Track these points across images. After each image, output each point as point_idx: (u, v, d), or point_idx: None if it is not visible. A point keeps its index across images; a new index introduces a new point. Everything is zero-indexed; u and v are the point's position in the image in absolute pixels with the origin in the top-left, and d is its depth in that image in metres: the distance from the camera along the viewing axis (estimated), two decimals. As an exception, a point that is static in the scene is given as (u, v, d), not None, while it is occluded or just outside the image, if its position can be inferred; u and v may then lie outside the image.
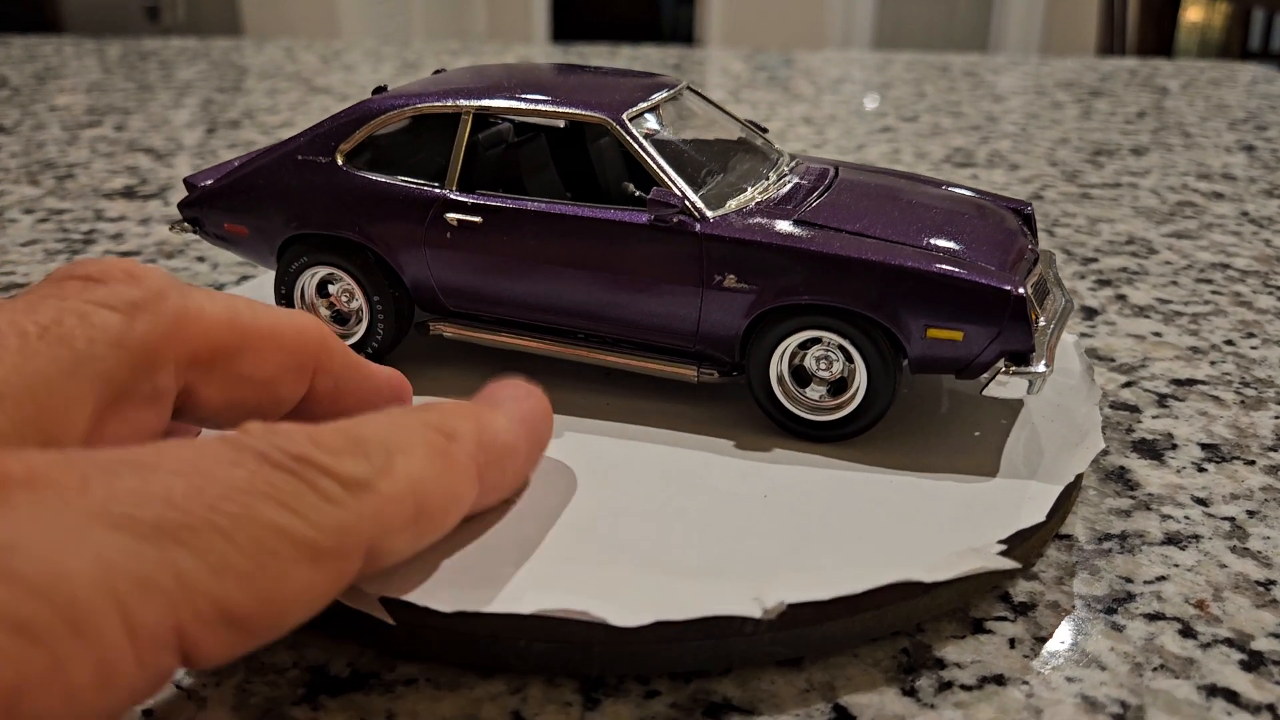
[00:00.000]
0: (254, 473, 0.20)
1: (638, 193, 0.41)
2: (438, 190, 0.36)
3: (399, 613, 0.26)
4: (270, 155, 0.39)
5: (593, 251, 0.35)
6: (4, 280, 0.53)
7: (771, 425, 0.35)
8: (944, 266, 0.32)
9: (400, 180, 0.37)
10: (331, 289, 0.39)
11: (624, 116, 0.35)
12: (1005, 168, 0.76)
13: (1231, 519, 0.34)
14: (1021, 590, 0.30)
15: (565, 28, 4.11)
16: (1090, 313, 0.50)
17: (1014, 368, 0.32)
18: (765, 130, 0.41)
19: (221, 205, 0.39)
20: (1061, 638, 0.28)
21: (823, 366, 0.34)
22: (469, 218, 0.36)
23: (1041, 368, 0.32)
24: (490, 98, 0.36)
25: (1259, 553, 0.32)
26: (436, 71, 0.42)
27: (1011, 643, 0.28)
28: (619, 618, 0.25)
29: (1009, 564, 0.28)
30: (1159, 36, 2.52)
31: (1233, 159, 0.80)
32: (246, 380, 0.27)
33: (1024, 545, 0.30)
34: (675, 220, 0.34)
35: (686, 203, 0.34)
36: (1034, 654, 0.28)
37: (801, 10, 3.55)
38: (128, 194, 0.68)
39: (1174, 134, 0.88)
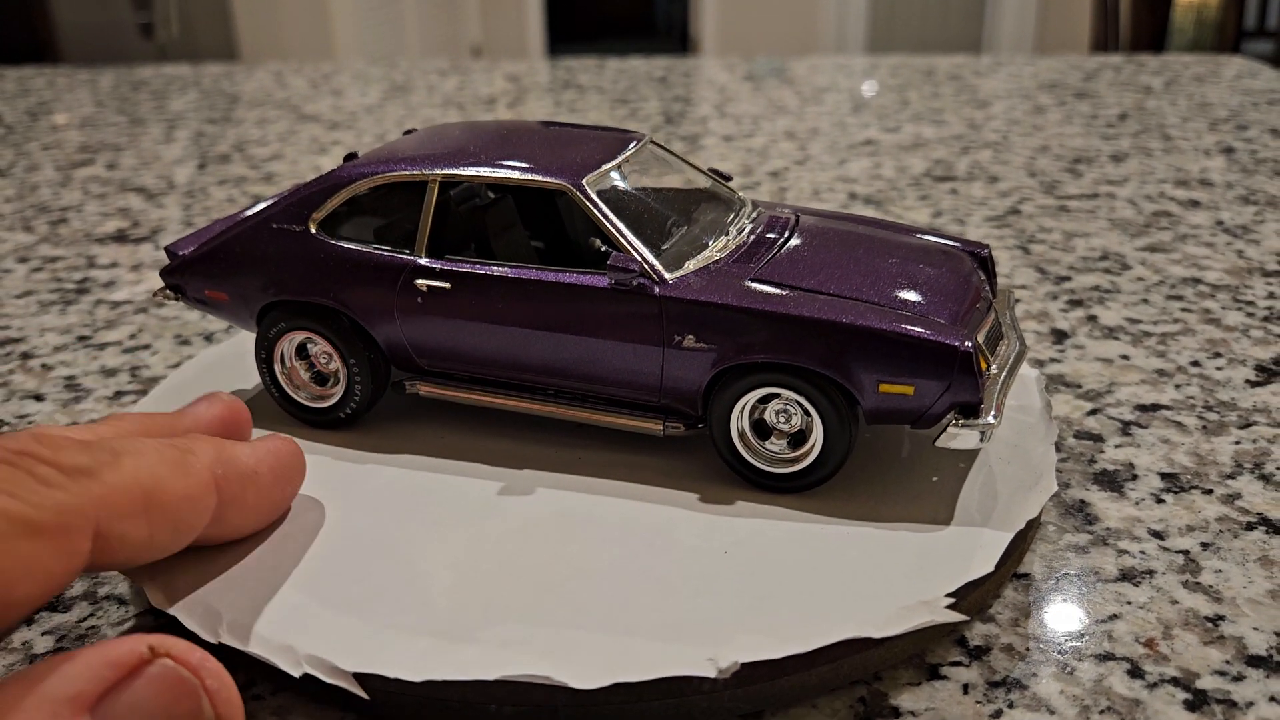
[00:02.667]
0: None
1: (604, 248, 0.42)
2: (407, 257, 0.37)
3: (372, 683, 0.27)
4: (246, 223, 0.40)
5: (558, 313, 0.36)
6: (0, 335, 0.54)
7: (734, 476, 0.36)
8: (894, 325, 0.33)
9: (371, 248, 0.38)
10: (311, 350, 0.40)
11: (584, 182, 0.36)
12: (984, 180, 0.77)
13: (1186, 552, 0.35)
14: (977, 634, 0.31)
15: (559, 32, 4.12)
16: (1060, 335, 0.51)
17: (963, 420, 0.33)
18: (729, 179, 0.42)
19: (202, 272, 0.41)
20: (1013, 682, 0.29)
21: (782, 420, 0.35)
22: (438, 283, 0.37)
23: (990, 419, 0.33)
24: (456, 165, 0.37)
25: (1210, 587, 0.33)
26: (407, 131, 0.43)
27: (965, 688, 0.29)
28: (580, 680, 0.27)
29: (956, 617, 0.29)
30: (1154, 21, 2.53)
31: (1211, 163, 0.80)
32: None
33: (974, 595, 0.31)
34: (634, 284, 0.35)
35: (645, 266, 0.35)
36: (986, 700, 0.29)
37: (795, 7, 3.55)
38: (120, 238, 0.69)
39: (1154, 137, 0.89)
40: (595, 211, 0.36)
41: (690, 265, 0.36)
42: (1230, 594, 0.33)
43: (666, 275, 0.35)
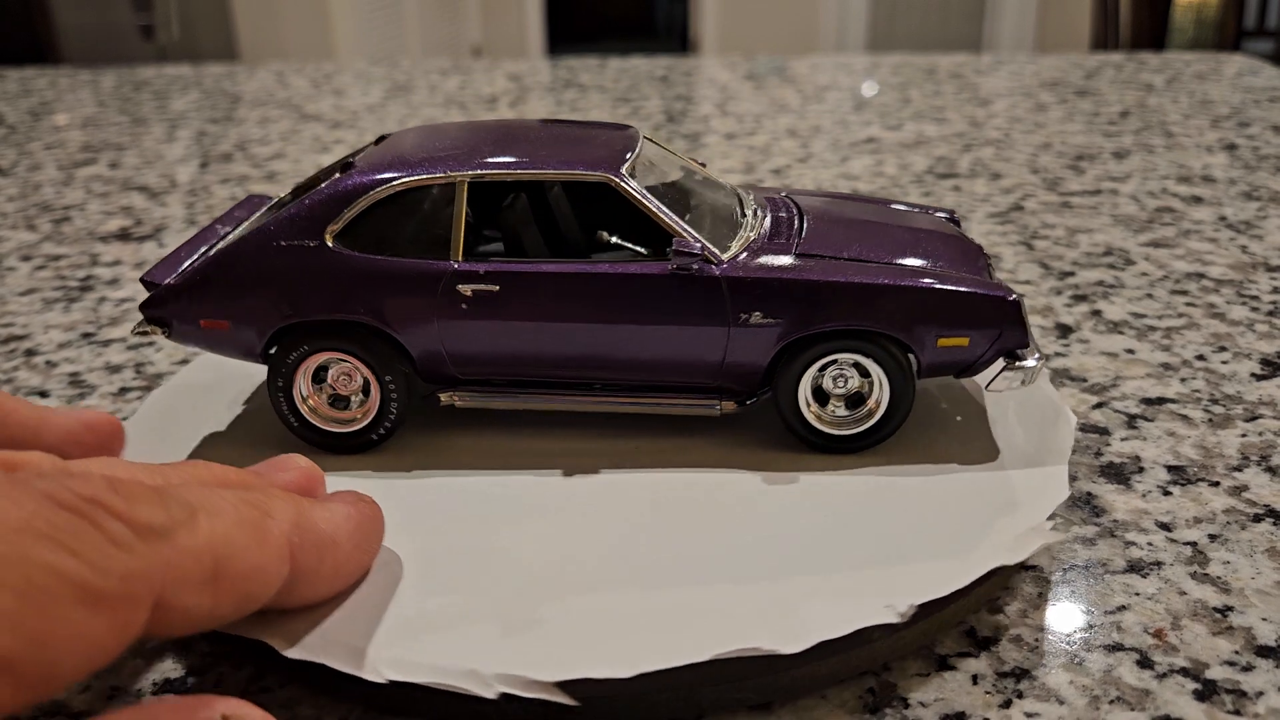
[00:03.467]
0: (33, 512, 0.20)
1: (611, 239, 0.42)
2: (444, 263, 0.36)
3: (580, 689, 0.27)
4: (244, 242, 0.37)
5: (616, 305, 0.36)
6: (3, 333, 0.54)
7: (789, 444, 0.37)
8: (952, 283, 0.36)
9: (403, 257, 0.36)
10: (330, 373, 0.38)
11: (623, 172, 0.36)
12: (987, 177, 0.77)
13: (1193, 544, 0.35)
14: (985, 625, 0.31)
15: (560, 32, 4.12)
16: (1065, 330, 0.51)
17: (1015, 364, 0.36)
18: (704, 165, 0.43)
19: (195, 300, 0.37)
20: (1022, 672, 0.29)
21: (839, 384, 0.37)
22: (484, 287, 0.36)
23: (1034, 361, 0.36)
24: (481, 166, 0.36)
25: (1218, 578, 0.33)
26: (380, 139, 0.41)
27: (974, 679, 0.29)
28: (787, 645, 0.27)
29: (1060, 536, 0.32)
30: (1154, 20, 2.53)
31: (1214, 159, 0.80)
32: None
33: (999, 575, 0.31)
34: (696, 267, 0.36)
35: (706, 251, 0.36)
36: (995, 690, 0.29)
37: (795, 7, 3.55)
38: (123, 236, 0.69)
39: (1156, 134, 0.89)
40: (641, 199, 0.36)
41: (734, 246, 0.37)
42: (1239, 585, 0.33)
43: (723, 256, 0.36)
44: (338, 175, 0.37)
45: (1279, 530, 0.35)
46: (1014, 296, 0.36)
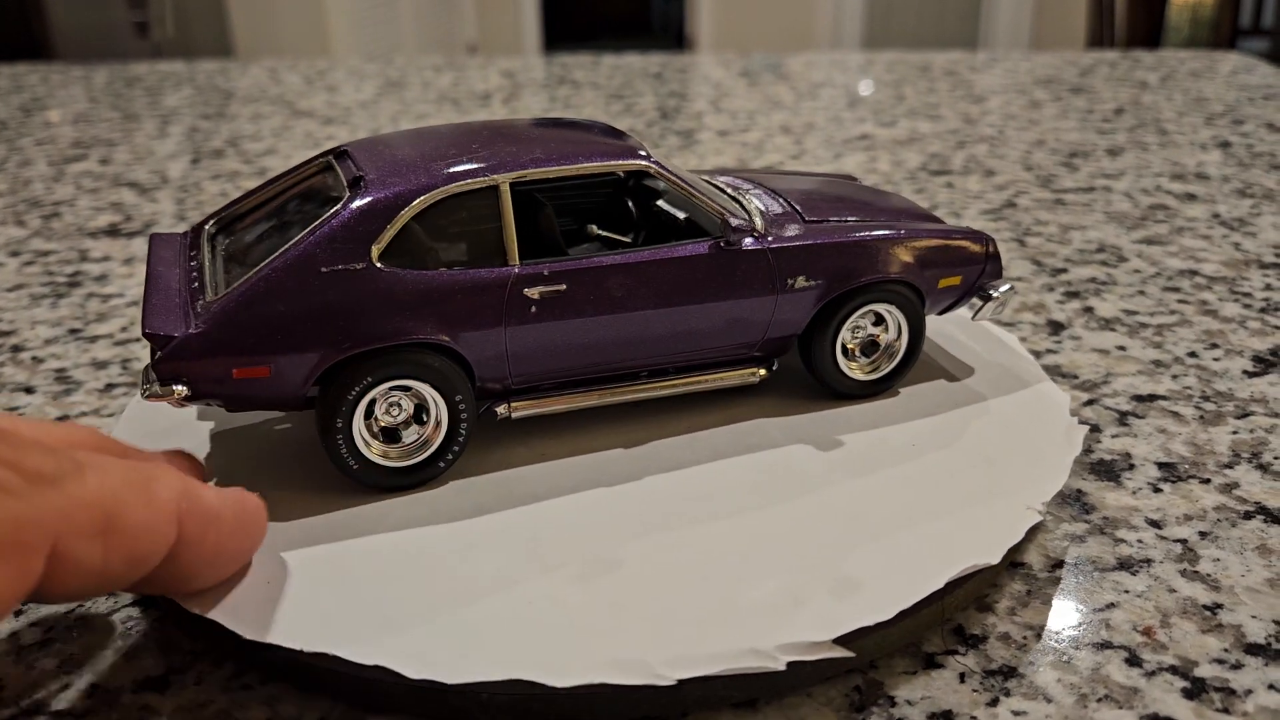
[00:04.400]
0: None
1: (600, 232, 0.42)
2: (505, 268, 0.35)
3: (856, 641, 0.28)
4: (276, 274, 0.33)
5: (675, 288, 0.36)
6: (-11, 328, 0.54)
7: (818, 398, 0.40)
8: (947, 233, 0.41)
9: (456, 268, 0.34)
10: (378, 405, 0.35)
11: (655, 159, 0.37)
12: (980, 174, 0.77)
13: (1183, 541, 0.34)
14: (974, 623, 0.31)
15: (555, 31, 4.11)
16: (1057, 327, 0.51)
17: (993, 295, 0.41)
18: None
19: (227, 349, 0.32)
20: (1010, 671, 0.29)
21: (856, 334, 0.40)
22: (551, 288, 0.35)
23: (1007, 287, 0.42)
24: (521, 165, 0.35)
25: (1208, 575, 0.33)
26: (337, 150, 0.38)
27: (961, 677, 0.29)
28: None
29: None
30: (1149, 19, 2.53)
31: (1208, 157, 0.80)
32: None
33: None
34: (745, 241, 0.37)
35: (754, 223, 0.38)
36: (983, 688, 0.28)
37: (791, 5, 3.55)
38: (112, 232, 0.69)
39: (1150, 131, 0.88)
40: (680, 182, 0.37)
41: (759, 220, 0.39)
42: (1228, 582, 0.32)
43: (763, 229, 0.38)
44: (361, 191, 0.34)
45: (1269, 528, 0.35)
46: (991, 236, 0.42)
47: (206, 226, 0.39)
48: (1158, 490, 0.37)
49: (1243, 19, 3.38)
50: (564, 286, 0.35)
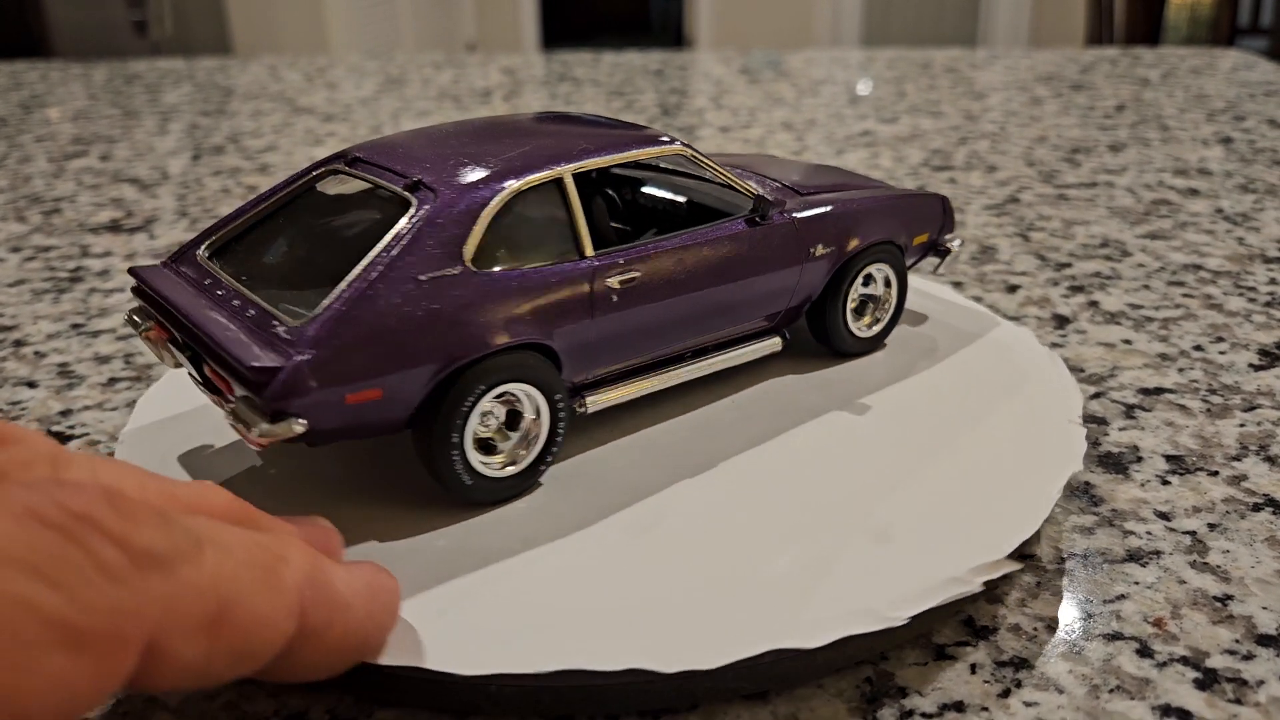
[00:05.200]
0: (10, 533, 0.17)
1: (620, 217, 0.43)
2: (584, 261, 0.34)
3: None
4: (377, 288, 0.30)
5: (725, 264, 0.38)
6: (-9, 323, 0.54)
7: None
8: (916, 194, 0.44)
9: (549, 264, 0.34)
10: (474, 415, 0.33)
11: (684, 142, 0.39)
12: (983, 169, 0.77)
13: (1193, 533, 0.34)
14: (984, 614, 0.31)
15: (554, 30, 4.11)
16: (1062, 321, 0.51)
17: (948, 245, 0.46)
18: None
19: (340, 373, 0.30)
20: (1021, 662, 0.29)
21: (852, 295, 0.43)
22: (629, 274, 0.35)
23: (957, 244, 0.47)
24: (576, 157, 0.35)
25: (1218, 567, 0.33)
26: (346, 156, 0.36)
27: (972, 668, 0.29)
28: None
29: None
30: (1148, 18, 2.53)
31: (1210, 152, 0.80)
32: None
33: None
34: (778, 214, 0.39)
35: (782, 198, 0.40)
36: (994, 680, 0.28)
37: (790, 2, 3.55)
38: (113, 228, 0.69)
39: (1152, 128, 0.88)
40: (711, 164, 0.39)
41: (768, 194, 0.40)
42: (1238, 574, 0.32)
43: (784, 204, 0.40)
44: (430, 194, 0.33)
45: (1278, 519, 0.35)
46: (944, 195, 0.46)
47: (199, 251, 0.36)
48: (1166, 483, 0.37)
49: (1241, 18, 3.38)
50: (638, 273, 0.35)
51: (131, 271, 0.35)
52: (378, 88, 1.15)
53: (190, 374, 0.33)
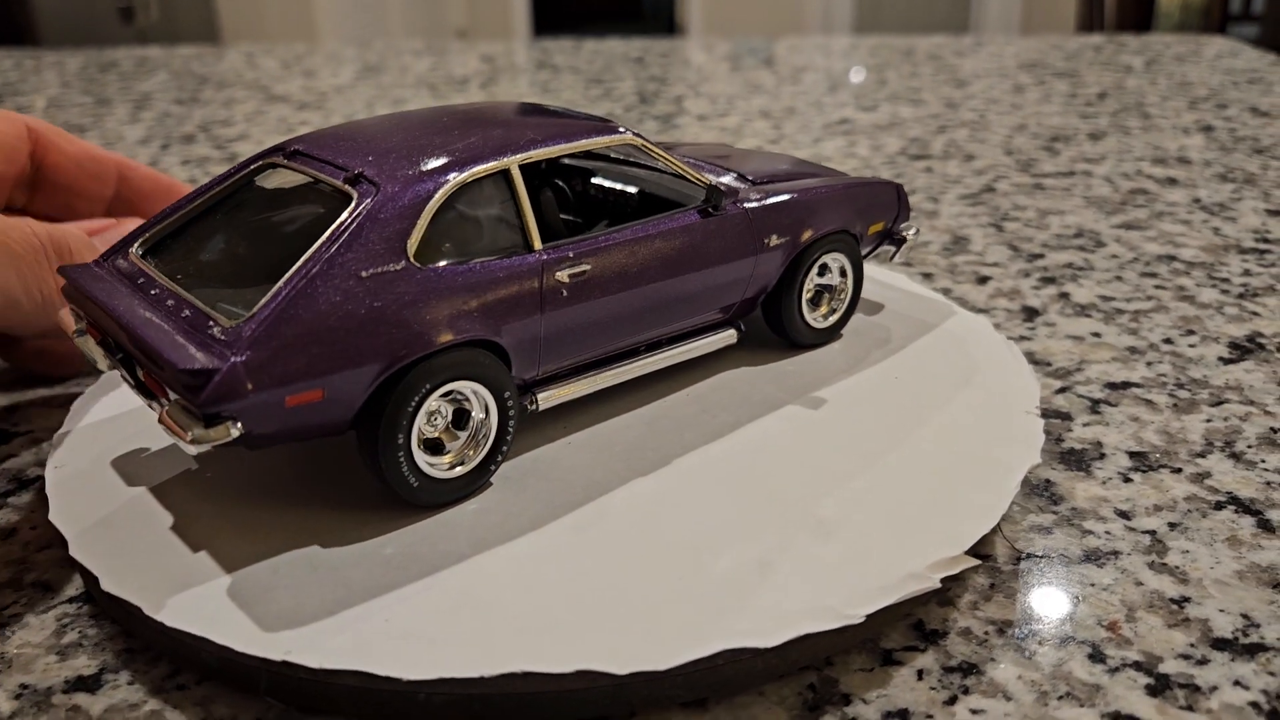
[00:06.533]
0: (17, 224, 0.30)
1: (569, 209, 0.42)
2: (532, 255, 0.33)
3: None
4: (314, 286, 0.29)
5: (678, 256, 0.37)
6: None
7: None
8: (874, 183, 0.44)
9: (495, 258, 0.33)
10: (418, 416, 0.32)
11: (635, 132, 0.38)
12: (960, 158, 0.76)
13: (1152, 532, 0.34)
14: (934, 617, 0.30)
15: (545, 17, 4.08)
16: (1031, 313, 0.50)
17: (903, 234, 0.46)
18: None
19: (279, 375, 0.29)
20: (970, 667, 0.28)
21: (809, 287, 0.42)
22: (578, 268, 0.34)
23: (913, 234, 0.46)
24: (522, 148, 0.34)
25: (1176, 568, 0.32)
26: (285, 148, 0.35)
27: (919, 674, 0.28)
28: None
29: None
30: (1139, 5, 2.51)
31: (1190, 141, 0.79)
32: None
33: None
34: (731, 204, 0.39)
35: (732, 190, 0.39)
36: (940, 686, 0.28)
37: (780, -11, 3.53)
38: (75, 218, 0.67)
39: (1133, 115, 0.87)
40: (664, 154, 0.38)
41: (722, 184, 0.39)
42: (1197, 575, 0.31)
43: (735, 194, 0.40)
44: (372, 187, 0.32)
45: (1240, 518, 0.34)
46: (899, 183, 0.46)
47: (132, 249, 0.34)
48: (1128, 480, 0.36)
49: (1233, 4, 3.37)
50: (589, 267, 0.34)
51: (61, 271, 0.34)
52: (355, 75, 1.14)
53: (124, 376, 0.32)
